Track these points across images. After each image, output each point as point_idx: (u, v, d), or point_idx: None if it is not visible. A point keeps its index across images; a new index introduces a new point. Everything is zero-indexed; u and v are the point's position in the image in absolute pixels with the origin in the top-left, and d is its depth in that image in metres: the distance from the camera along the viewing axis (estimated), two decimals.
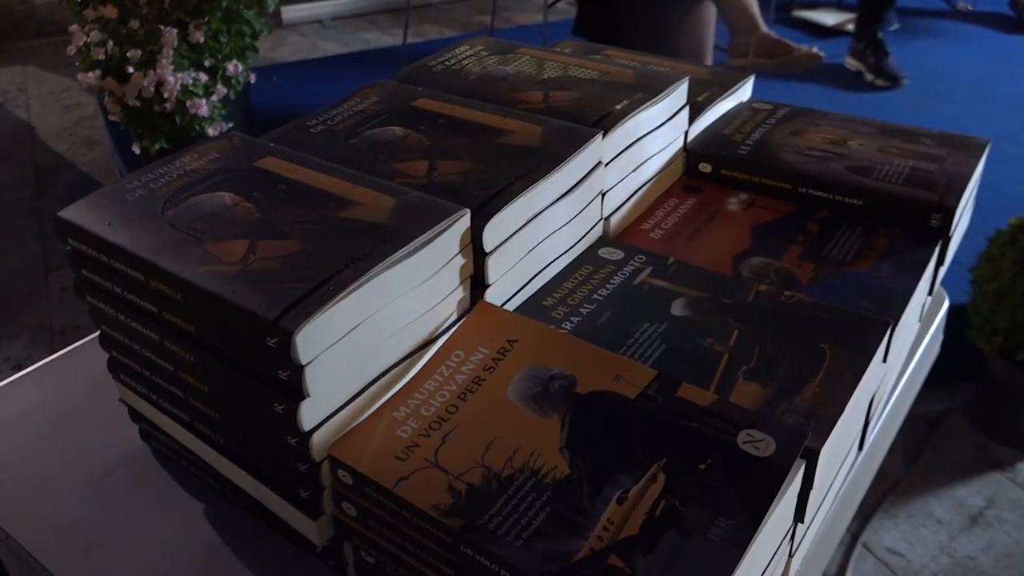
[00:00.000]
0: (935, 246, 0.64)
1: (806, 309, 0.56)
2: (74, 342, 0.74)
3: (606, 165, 0.64)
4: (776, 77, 2.36)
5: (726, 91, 0.80)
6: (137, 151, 2.14)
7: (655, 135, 0.69)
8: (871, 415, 0.61)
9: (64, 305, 2.15)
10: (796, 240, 0.66)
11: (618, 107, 0.66)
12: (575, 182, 0.60)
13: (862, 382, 0.51)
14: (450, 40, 3.65)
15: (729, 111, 0.81)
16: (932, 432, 1.69)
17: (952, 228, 0.66)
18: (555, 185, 0.58)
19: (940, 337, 0.81)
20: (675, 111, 0.71)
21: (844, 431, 0.51)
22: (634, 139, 0.67)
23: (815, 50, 2.28)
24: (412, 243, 0.49)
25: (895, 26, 3.05)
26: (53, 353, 0.73)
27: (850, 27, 3.32)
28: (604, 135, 0.62)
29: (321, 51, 3.63)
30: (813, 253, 0.64)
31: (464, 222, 0.52)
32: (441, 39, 3.69)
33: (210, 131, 2.12)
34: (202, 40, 2.10)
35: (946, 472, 1.61)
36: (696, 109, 0.75)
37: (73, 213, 0.53)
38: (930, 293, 0.70)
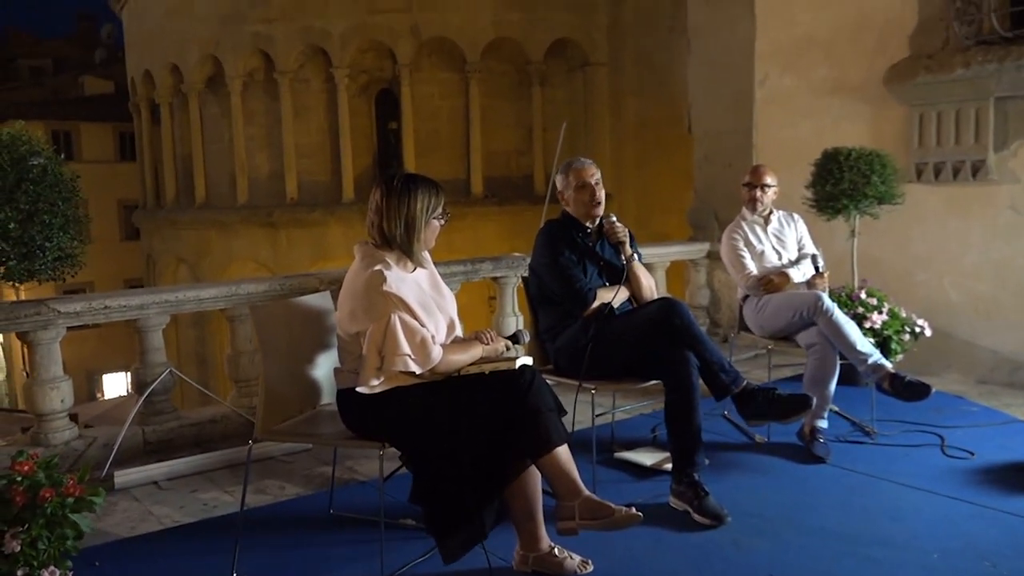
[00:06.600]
0: None
1: None
2: None
3: None
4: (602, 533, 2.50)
5: None
6: None
7: None
8: None
9: None
10: None
11: None
12: None
13: None
14: (290, 502, 3.61)
15: None
16: None
17: None
18: None
19: None
20: None
21: None
22: None
23: (633, 510, 2.47)
24: None
25: (706, 463, 3.35)
26: None
27: (667, 466, 3.60)
28: None
29: (154, 517, 3.51)
30: None
31: None
32: (284, 500, 3.66)
33: None
34: (18, 549, 2.01)
35: None
36: None
37: None
38: None
